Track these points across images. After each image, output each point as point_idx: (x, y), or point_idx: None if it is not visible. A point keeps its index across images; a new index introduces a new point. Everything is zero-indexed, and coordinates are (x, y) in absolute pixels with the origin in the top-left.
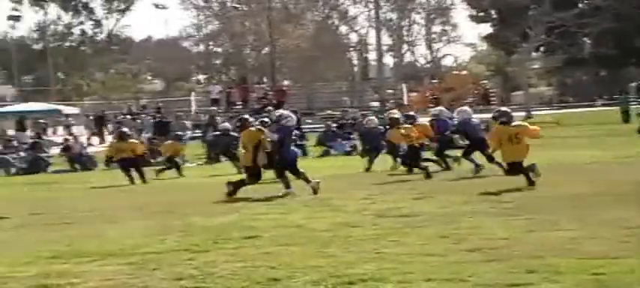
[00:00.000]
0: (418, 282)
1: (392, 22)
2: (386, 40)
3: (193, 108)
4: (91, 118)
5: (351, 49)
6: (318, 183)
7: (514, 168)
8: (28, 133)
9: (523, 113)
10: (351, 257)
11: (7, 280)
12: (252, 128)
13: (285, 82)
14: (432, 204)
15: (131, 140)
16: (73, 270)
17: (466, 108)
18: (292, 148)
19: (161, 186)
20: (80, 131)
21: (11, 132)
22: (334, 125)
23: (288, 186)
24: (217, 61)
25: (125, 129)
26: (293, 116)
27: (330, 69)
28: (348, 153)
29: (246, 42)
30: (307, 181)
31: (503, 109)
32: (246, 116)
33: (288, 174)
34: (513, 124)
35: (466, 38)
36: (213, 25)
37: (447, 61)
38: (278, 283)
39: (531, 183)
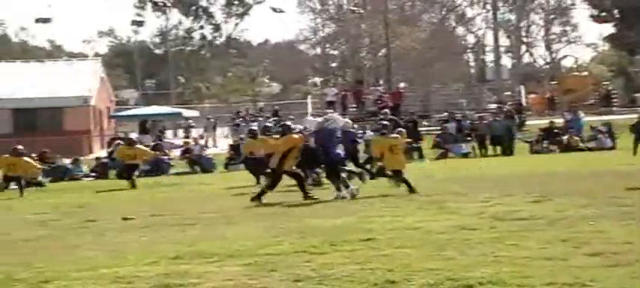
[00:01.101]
0: (538, 286)
1: (510, 23)
2: (504, 41)
3: (309, 110)
4: (212, 120)
5: (468, 50)
6: (358, 189)
7: (397, 175)
8: (150, 135)
9: None
10: (468, 260)
11: (132, 280)
12: (295, 135)
13: (401, 85)
14: (551, 207)
15: (137, 146)
16: (194, 270)
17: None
18: (338, 150)
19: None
20: (199, 133)
21: (134, 134)
22: (453, 126)
23: (338, 188)
24: (333, 64)
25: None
26: (338, 119)
27: (446, 71)
28: (465, 155)
29: (363, 44)
30: (345, 186)
31: (384, 122)
32: (289, 123)
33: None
34: (391, 136)
35: (587, 38)
36: (329, 27)
37: (567, 62)
38: (395, 285)
39: (412, 191)
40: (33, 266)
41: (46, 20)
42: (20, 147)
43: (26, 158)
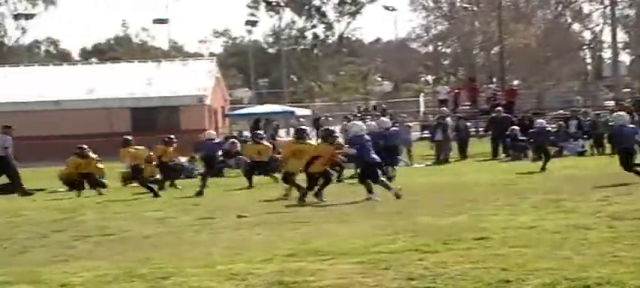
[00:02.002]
0: None
1: (629, 19)
2: (622, 37)
3: (422, 109)
4: (323, 118)
5: (585, 47)
6: (400, 189)
7: (286, 177)
8: (264, 133)
9: None
10: (585, 260)
11: (247, 277)
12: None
13: (515, 82)
14: None
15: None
16: (308, 268)
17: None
18: (373, 155)
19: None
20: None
21: (247, 133)
22: (573, 124)
23: (370, 191)
24: (446, 62)
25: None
26: (362, 125)
27: (561, 68)
28: (580, 153)
29: (475, 42)
30: (387, 188)
31: (301, 127)
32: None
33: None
34: (305, 142)
35: None
36: (442, 25)
37: None
38: (510, 284)
39: (302, 198)
40: (151, 262)
41: (163, 21)
42: (85, 147)
43: (93, 156)
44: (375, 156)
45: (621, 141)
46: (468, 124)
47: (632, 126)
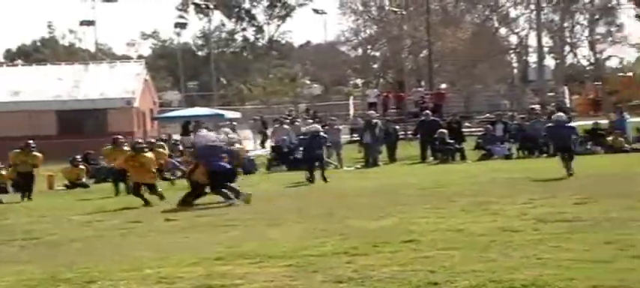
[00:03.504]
0: None
1: (554, 24)
2: (547, 41)
3: (351, 112)
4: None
5: (511, 51)
6: (250, 195)
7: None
8: (192, 137)
9: None
10: (511, 262)
11: (174, 280)
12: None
13: (443, 86)
14: (596, 209)
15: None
16: (236, 271)
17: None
18: (220, 163)
19: (320, 190)
20: (246, 135)
21: (177, 136)
22: (500, 127)
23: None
24: (375, 65)
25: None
26: (210, 135)
27: (488, 72)
28: (507, 157)
29: (404, 45)
30: (228, 198)
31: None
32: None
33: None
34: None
35: (632, 39)
36: (371, 29)
37: (612, 63)
38: (437, 287)
39: (146, 204)
40: (77, 266)
41: (90, 23)
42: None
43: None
44: (223, 164)
45: (557, 140)
46: (397, 127)
47: (570, 125)
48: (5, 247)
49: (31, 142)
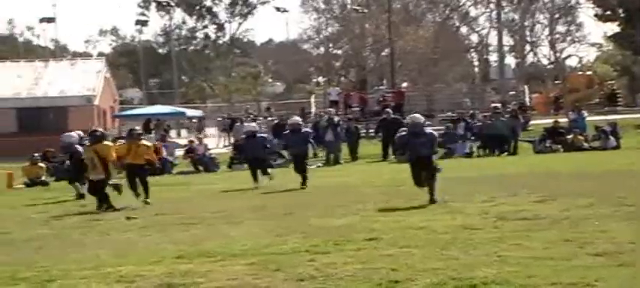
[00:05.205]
0: (542, 286)
1: (514, 23)
2: (507, 40)
3: (313, 110)
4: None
5: (472, 50)
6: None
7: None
8: (153, 135)
9: None
10: (472, 260)
11: (134, 279)
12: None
13: (404, 84)
14: (555, 207)
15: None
16: (197, 269)
17: None
18: None
19: (281, 188)
20: (210, 133)
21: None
22: (461, 126)
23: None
24: (337, 63)
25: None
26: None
27: (450, 70)
28: (468, 155)
29: (366, 44)
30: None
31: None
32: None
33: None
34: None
35: (591, 38)
36: (333, 27)
37: (571, 62)
38: (398, 285)
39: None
40: (37, 265)
41: (50, 20)
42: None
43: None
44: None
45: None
46: (359, 125)
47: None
48: None
49: None
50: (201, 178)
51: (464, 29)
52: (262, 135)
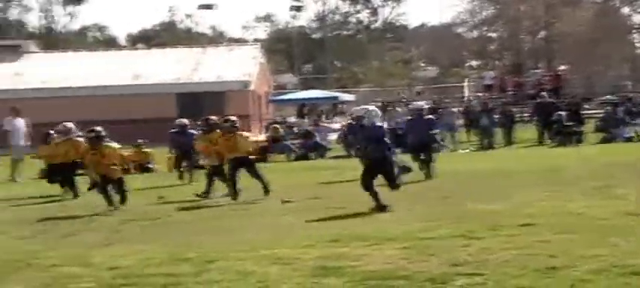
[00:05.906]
0: None
1: None
2: None
3: (466, 94)
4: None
5: (634, 31)
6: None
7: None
8: (307, 119)
9: None
10: (634, 247)
11: (291, 261)
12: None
13: (562, 67)
14: None
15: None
16: (352, 253)
17: None
18: None
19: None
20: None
21: (292, 119)
22: (620, 110)
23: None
24: (492, 47)
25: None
26: None
27: (610, 52)
28: (628, 139)
29: (522, 26)
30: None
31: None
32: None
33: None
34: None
35: None
36: (487, 10)
37: None
38: (556, 271)
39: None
40: (196, 246)
41: (208, 7)
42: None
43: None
44: None
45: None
46: (514, 110)
47: (428, 118)
48: (127, 226)
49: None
50: (354, 163)
51: (626, 9)
52: (429, 116)
